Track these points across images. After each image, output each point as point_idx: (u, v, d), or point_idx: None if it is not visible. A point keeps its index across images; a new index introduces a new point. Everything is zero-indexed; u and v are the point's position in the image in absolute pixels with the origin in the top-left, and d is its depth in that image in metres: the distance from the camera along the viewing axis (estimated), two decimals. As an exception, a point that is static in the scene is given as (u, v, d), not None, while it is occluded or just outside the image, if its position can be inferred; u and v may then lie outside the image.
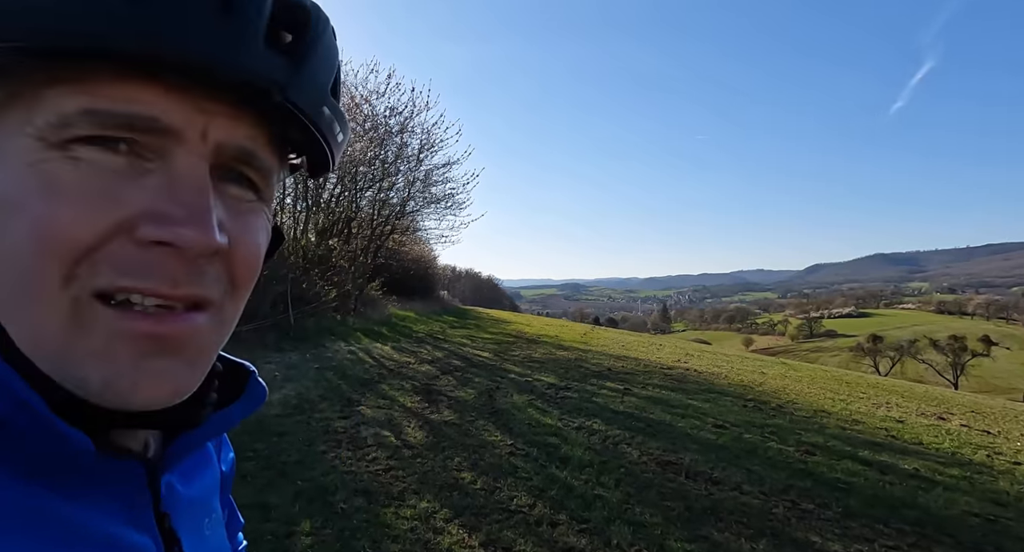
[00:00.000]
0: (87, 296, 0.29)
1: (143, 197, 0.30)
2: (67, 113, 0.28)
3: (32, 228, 0.28)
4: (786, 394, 8.09)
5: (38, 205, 0.28)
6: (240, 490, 3.25)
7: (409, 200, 15.14)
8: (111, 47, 0.27)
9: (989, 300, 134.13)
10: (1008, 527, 3.51)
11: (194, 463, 0.44)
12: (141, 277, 0.30)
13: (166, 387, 0.32)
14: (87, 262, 0.29)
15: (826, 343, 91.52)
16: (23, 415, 0.29)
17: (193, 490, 0.43)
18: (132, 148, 0.30)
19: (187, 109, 0.30)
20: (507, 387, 6.82)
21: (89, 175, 0.29)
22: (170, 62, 0.28)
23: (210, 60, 0.29)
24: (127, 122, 0.29)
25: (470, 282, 42.96)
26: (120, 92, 0.29)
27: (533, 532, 3.00)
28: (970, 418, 8.04)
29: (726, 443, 4.92)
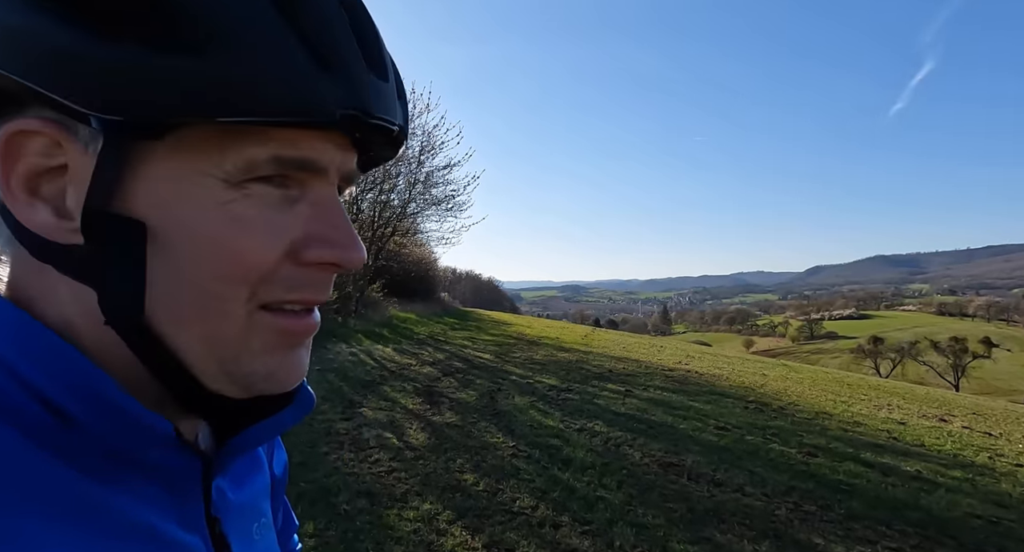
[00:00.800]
0: (256, 307, 0.34)
1: (299, 224, 0.35)
2: (257, 159, 0.32)
3: (223, 257, 0.32)
4: (787, 396, 8.09)
5: (229, 238, 0.32)
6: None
7: (410, 202, 15.17)
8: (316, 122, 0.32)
9: (990, 302, 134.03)
10: (1011, 529, 3.51)
11: (245, 468, 0.46)
12: (306, 291, 0.36)
13: (301, 371, 0.38)
14: (266, 283, 0.34)
15: (827, 345, 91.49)
16: (95, 410, 0.31)
17: (243, 495, 0.44)
18: (285, 181, 0.34)
19: (334, 150, 0.36)
20: (509, 389, 6.82)
21: (262, 210, 0.33)
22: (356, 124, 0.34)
23: (394, 125, 0.37)
24: (298, 165, 0.34)
25: (471, 284, 42.97)
26: (293, 139, 0.33)
27: (536, 534, 3.00)
28: (972, 420, 8.04)
29: (728, 445, 4.92)
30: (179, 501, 0.36)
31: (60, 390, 0.30)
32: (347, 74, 0.33)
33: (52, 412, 0.30)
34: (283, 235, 0.34)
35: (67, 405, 0.31)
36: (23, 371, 0.30)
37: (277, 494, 0.55)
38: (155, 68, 0.29)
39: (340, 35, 0.33)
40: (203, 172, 0.31)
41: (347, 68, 0.33)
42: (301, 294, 0.35)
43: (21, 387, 0.30)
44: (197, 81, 0.29)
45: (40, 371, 0.31)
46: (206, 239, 0.32)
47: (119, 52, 0.29)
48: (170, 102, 0.29)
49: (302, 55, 0.31)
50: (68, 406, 0.31)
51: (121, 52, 0.29)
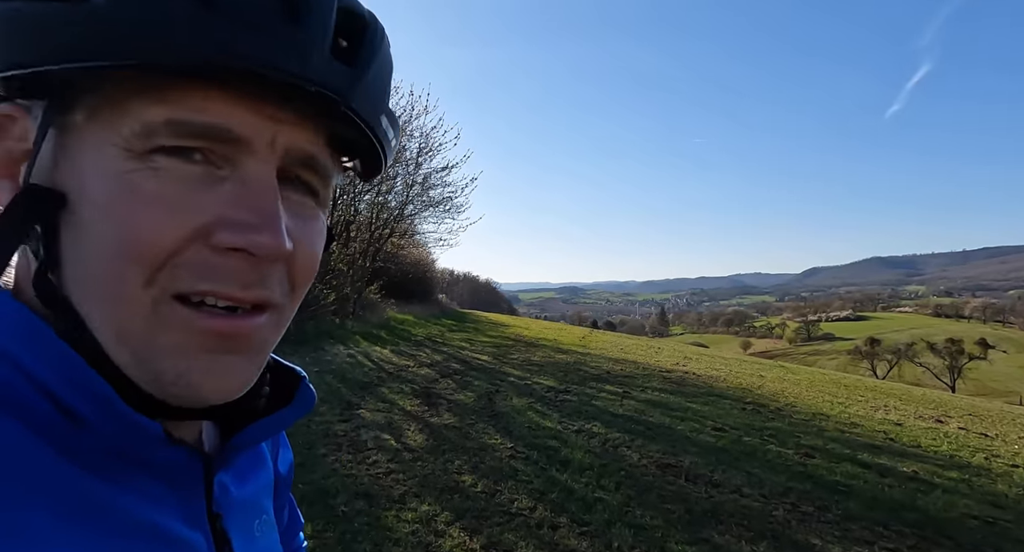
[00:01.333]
0: (167, 297, 0.31)
1: (217, 204, 0.31)
2: (151, 123, 0.30)
3: (118, 234, 0.30)
4: (785, 397, 8.10)
5: (125, 213, 0.30)
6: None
7: (407, 203, 15.16)
8: (189, 59, 0.28)
9: (986, 303, 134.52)
10: (1007, 529, 3.53)
11: (248, 464, 0.45)
12: (216, 281, 0.31)
13: (231, 381, 0.34)
14: (167, 267, 0.31)
15: (824, 346, 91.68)
16: (95, 408, 0.31)
17: (246, 491, 0.44)
18: (206, 157, 0.31)
19: (257, 118, 0.32)
20: (507, 390, 6.82)
21: (168, 184, 0.30)
22: (241, 72, 0.29)
23: (280, 70, 0.30)
24: (203, 132, 0.30)
25: (468, 285, 42.97)
26: (196, 103, 0.30)
27: (534, 535, 3.00)
28: (968, 421, 8.06)
29: (726, 446, 4.92)
30: (181, 498, 0.36)
31: (64, 386, 0.31)
32: (233, 13, 0.29)
33: (59, 409, 0.30)
34: (191, 214, 0.30)
35: (72, 402, 0.31)
36: (28, 366, 0.30)
37: (282, 492, 0.55)
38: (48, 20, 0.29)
39: None
40: (105, 141, 0.30)
41: (233, 5, 0.29)
42: (216, 285, 0.31)
43: (28, 382, 0.30)
44: (76, 26, 0.28)
45: (44, 367, 0.31)
46: (103, 212, 0.30)
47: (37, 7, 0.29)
48: (57, 53, 0.29)
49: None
50: (73, 403, 0.31)
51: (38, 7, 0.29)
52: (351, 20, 0.35)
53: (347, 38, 0.35)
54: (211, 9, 0.28)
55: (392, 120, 0.39)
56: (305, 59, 0.31)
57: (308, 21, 0.31)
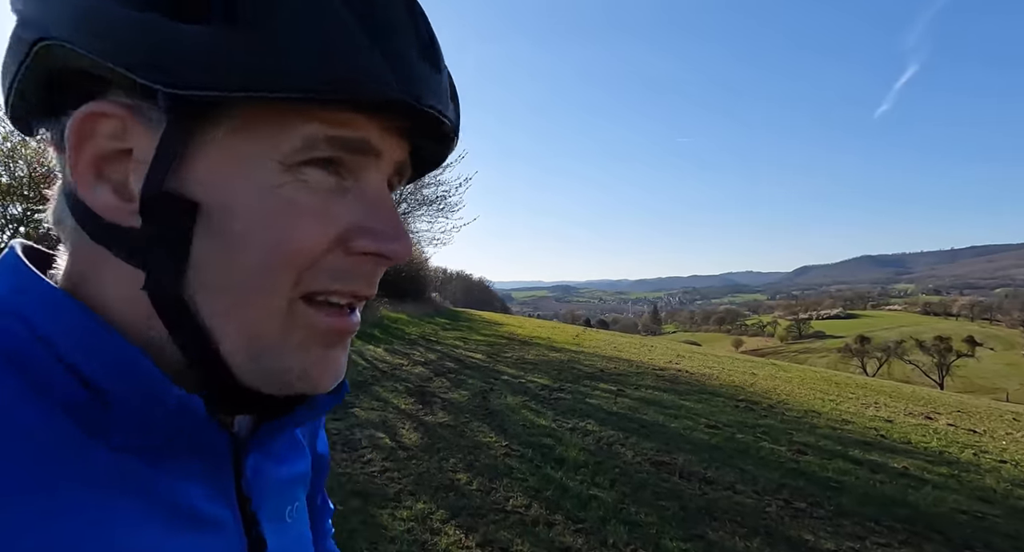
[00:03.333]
0: (298, 297, 0.34)
1: (351, 213, 0.34)
2: (313, 138, 0.32)
3: (275, 243, 0.32)
4: (777, 394, 8.16)
5: (283, 223, 0.32)
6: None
7: (400, 202, 15.10)
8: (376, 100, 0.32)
9: (973, 301, 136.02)
10: (996, 524, 3.57)
11: (284, 450, 0.46)
12: (350, 282, 0.35)
13: (336, 374, 0.37)
14: (312, 270, 0.33)
15: (814, 344, 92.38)
16: (132, 387, 0.31)
17: (280, 476, 0.44)
18: (337, 169, 0.34)
19: (388, 135, 0.35)
20: (501, 389, 6.82)
21: (315, 195, 0.33)
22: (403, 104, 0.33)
23: (442, 114, 0.35)
24: (355, 146, 0.34)
25: (461, 284, 42.91)
26: (343, 117, 0.33)
27: (530, 532, 3.01)
28: (956, 417, 8.16)
29: (719, 443, 4.96)
30: (212, 477, 0.36)
31: (97, 369, 0.31)
32: (399, 53, 0.32)
33: (91, 391, 0.31)
34: (334, 222, 0.33)
35: (104, 383, 0.31)
36: (63, 350, 0.31)
37: (318, 478, 0.56)
38: (212, 43, 0.29)
39: (392, 6, 0.33)
40: (259, 154, 0.32)
41: (399, 46, 0.32)
42: (347, 284, 0.35)
43: (61, 365, 0.31)
44: (254, 56, 0.29)
45: (79, 350, 0.31)
46: (257, 222, 0.32)
47: (183, 29, 0.29)
48: (230, 78, 0.29)
49: (354, 27, 0.31)
50: (104, 384, 0.31)
51: (186, 28, 0.29)
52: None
53: None
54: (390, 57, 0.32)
55: None
56: (440, 96, 0.35)
57: (441, 67, 0.36)
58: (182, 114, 0.31)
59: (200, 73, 0.29)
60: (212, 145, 0.32)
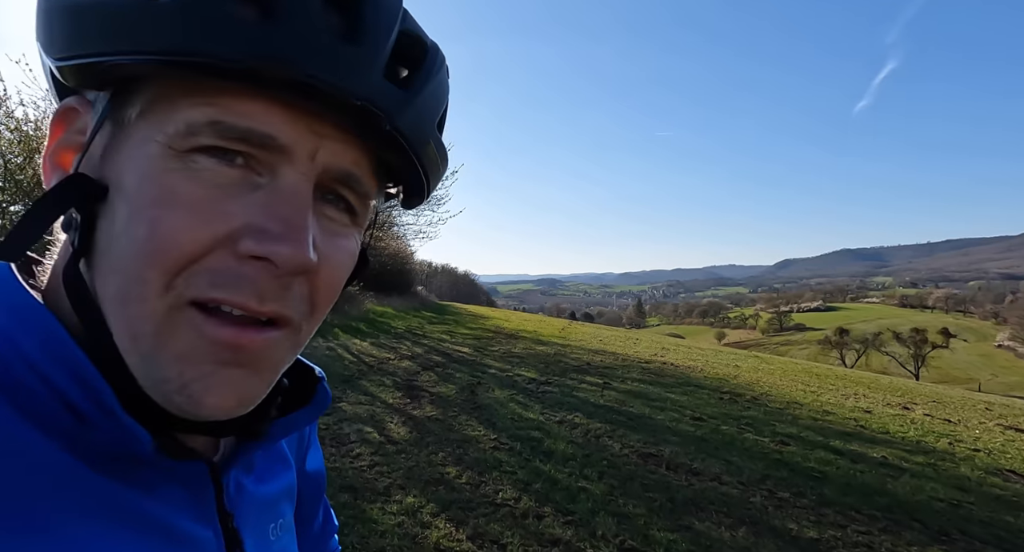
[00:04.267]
0: (183, 302, 0.30)
1: (248, 211, 0.30)
2: (196, 122, 0.29)
3: (145, 234, 0.29)
4: (760, 386, 8.29)
5: (155, 213, 0.29)
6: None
7: (387, 195, 14.98)
8: (242, 67, 0.28)
9: (948, 294, 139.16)
10: (971, 511, 3.68)
11: (267, 465, 0.45)
12: (232, 290, 0.30)
13: (233, 397, 0.32)
14: (187, 272, 0.30)
15: (795, 336, 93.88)
16: (95, 408, 0.31)
17: (263, 492, 0.43)
18: (247, 162, 0.31)
19: (301, 129, 0.31)
20: (488, 382, 6.84)
21: (203, 187, 0.30)
22: (292, 82, 0.29)
23: (329, 84, 0.30)
24: (246, 136, 0.30)
25: (447, 278, 42.78)
26: (243, 107, 0.30)
27: (520, 525, 3.03)
28: (932, 408, 8.36)
29: (705, 435, 5.03)
30: (191, 494, 0.36)
31: (71, 384, 0.30)
32: (290, 25, 0.29)
33: (66, 406, 0.30)
34: (223, 219, 0.30)
35: (77, 400, 0.30)
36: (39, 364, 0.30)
37: (313, 493, 0.54)
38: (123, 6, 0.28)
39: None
40: (150, 137, 0.30)
41: (292, 18, 0.29)
42: (230, 293, 0.30)
43: (38, 380, 0.30)
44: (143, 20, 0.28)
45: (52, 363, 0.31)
46: (135, 209, 0.30)
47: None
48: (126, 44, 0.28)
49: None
50: (78, 401, 0.31)
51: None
52: (411, 45, 0.35)
53: (404, 62, 0.35)
54: (273, 20, 0.29)
55: (441, 150, 0.39)
56: (354, 75, 0.31)
57: (364, 41, 0.31)
58: (111, 100, 0.32)
59: (110, 43, 0.29)
60: (124, 128, 0.32)
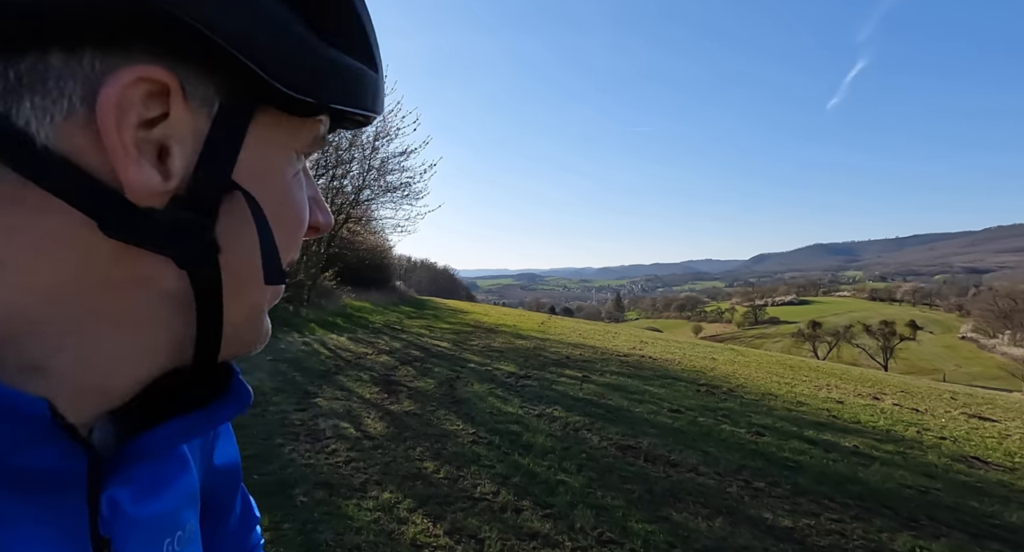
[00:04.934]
0: None
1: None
2: (319, 137, 0.35)
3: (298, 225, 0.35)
4: (736, 379, 8.42)
5: (301, 207, 0.35)
6: (192, 488, 3.12)
7: (364, 188, 14.78)
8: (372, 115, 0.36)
9: (915, 287, 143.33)
10: (939, 498, 3.78)
11: (156, 474, 0.36)
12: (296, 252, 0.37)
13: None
14: None
15: (769, 329, 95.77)
16: None
17: (152, 507, 0.35)
18: None
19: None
20: (467, 376, 6.80)
21: (303, 193, 0.36)
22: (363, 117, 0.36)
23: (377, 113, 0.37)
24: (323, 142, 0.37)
25: (426, 272, 42.58)
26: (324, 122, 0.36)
27: (498, 519, 3.01)
28: (901, 397, 8.60)
29: (682, 427, 5.07)
30: (56, 519, 0.28)
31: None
32: (376, 73, 0.35)
33: None
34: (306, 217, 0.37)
35: None
36: None
37: (225, 488, 0.49)
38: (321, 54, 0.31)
39: (370, 30, 0.34)
40: (287, 145, 0.33)
41: (376, 66, 0.35)
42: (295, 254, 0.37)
43: None
44: (340, 69, 0.32)
45: None
46: (286, 207, 0.34)
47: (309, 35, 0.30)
48: (332, 90, 0.31)
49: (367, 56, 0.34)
50: None
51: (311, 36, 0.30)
52: None
53: None
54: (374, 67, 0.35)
55: None
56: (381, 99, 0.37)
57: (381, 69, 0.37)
58: (239, 92, 0.29)
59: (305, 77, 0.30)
60: (255, 132, 0.31)
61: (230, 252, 0.31)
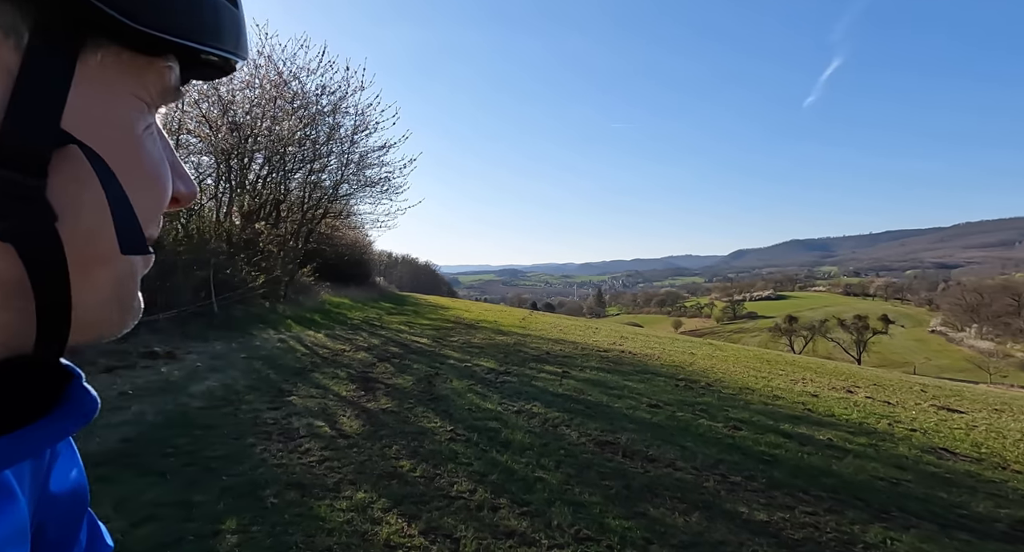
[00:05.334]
0: None
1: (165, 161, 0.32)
2: (169, 87, 0.30)
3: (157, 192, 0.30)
4: (714, 373, 8.50)
5: (158, 171, 0.30)
6: (159, 489, 3.02)
7: (342, 183, 14.59)
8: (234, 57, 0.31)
9: (888, 282, 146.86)
10: (909, 489, 3.84)
11: None
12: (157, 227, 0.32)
13: None
14: None
15: (747, 324, 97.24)
16: None
17: None
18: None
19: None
20: (446, 373, 6.74)
21: (159, 138, 0.31)
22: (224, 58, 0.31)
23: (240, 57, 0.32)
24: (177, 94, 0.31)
25: (407, 268, 42.31)
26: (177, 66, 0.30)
27: (474, 517, 2.97)
28: (873, 390, 8.77)
29: (661, 422, 5.09)
30: None
31: None
32: (237, 9, 0.31)
33: None
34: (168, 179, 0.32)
35: None
36: None
37: (68, 518, 0.40)
38: None
39: None
40: (132, 91, 0.28)
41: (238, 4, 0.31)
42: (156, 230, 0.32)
43: None
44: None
45: None
46: (140, 165, 0.29)
47: None
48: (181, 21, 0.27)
49: None
50: None
51: None
52: None
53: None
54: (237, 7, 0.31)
55: None
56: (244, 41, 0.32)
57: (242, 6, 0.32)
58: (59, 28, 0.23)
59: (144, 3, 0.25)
60: (86, 74, 0.25)
61: (71, 219, 0.25)
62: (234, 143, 11.01)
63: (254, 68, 11.28)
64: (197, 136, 10.64)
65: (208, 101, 10.64)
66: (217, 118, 10.73)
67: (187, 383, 5.36)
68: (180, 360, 6.17)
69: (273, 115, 11.64)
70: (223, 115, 10.75)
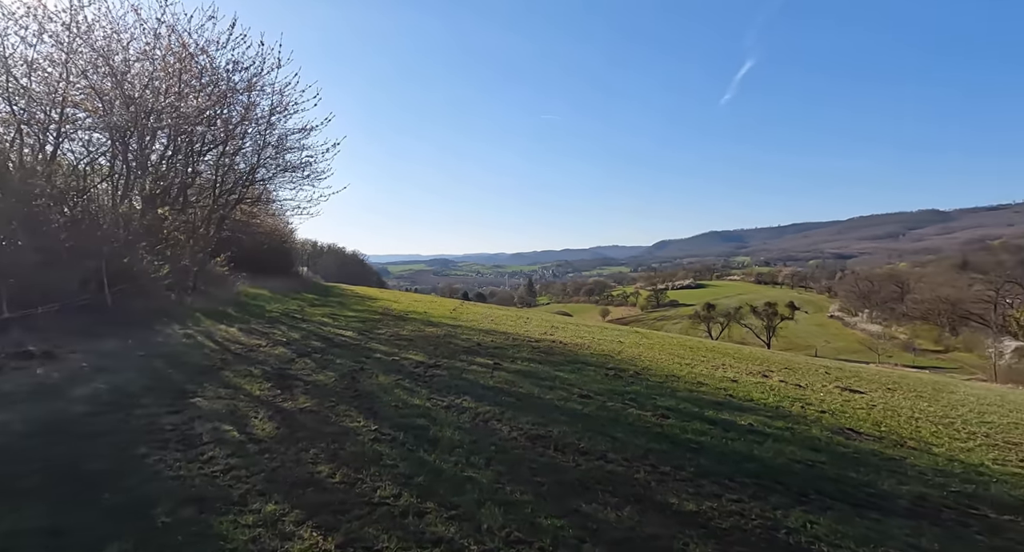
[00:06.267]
0: None
1: None
2: None
3: None
4: (641, 361, 8.66)
5: None
6: (19, 514, 2.58)
7: (259, 167, 13.61)
8: None
9: (794, 271, 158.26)
10: (823, 470, 4.02)
11: None
12: None
13: None
14: None
15: (670, 312, 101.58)
16: None
17: None
18: None
19: None
20: (372, 368, 6.41)
21: None
22: None
23: None
24: None
25: (334, 257, 40.68)
26: None
27: (398, 525, 2.76)
28: (786, 374, 9.30)
29: (591, 413, 5.06)
30: None
31: None
32: None
33: None
34: None
35: None
36: None
37: None
38: None
39: None
40: None
41: None
42: None
43: None
44: None
45: None
46: None
47: None
48: None
49: None
50: None
51: None
52: None
53: None
54: None
55: None
56: None
57: None
58: None
59: None
60: None
61: None
62: (131, 119, 9.93)
63: (153, 37, 10.20)
64: (85, 110, 9.49)
65: (98, 72, 9.51)
66: (110, 91, 9.62)
67: (68, 386, 4.73)
68: (60, 360, 5.46)
69: (178, 91, 10.60)
70: (117, 88, 9.65)
